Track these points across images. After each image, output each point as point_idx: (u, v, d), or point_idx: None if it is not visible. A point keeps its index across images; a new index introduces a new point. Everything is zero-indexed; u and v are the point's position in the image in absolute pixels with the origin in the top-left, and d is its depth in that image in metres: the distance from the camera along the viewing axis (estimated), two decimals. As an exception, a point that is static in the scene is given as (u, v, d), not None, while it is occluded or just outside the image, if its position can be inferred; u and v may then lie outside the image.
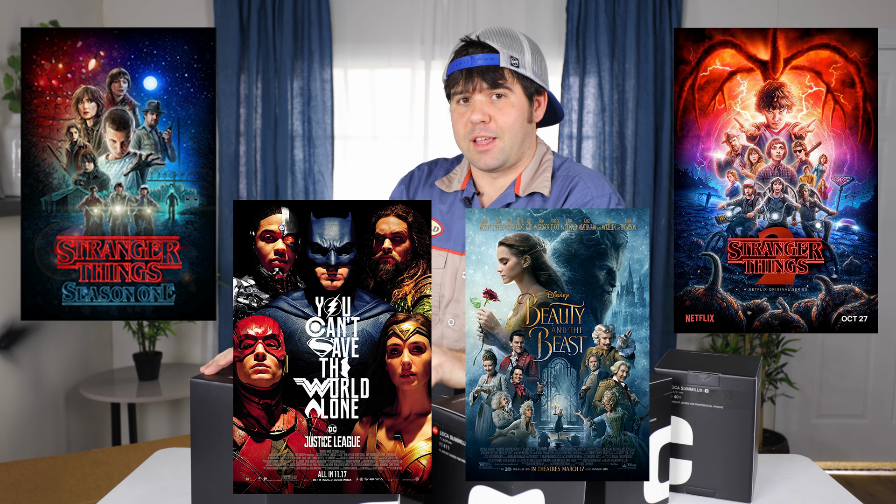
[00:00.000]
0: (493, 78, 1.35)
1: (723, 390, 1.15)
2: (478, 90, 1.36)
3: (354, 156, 3.38)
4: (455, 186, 1.52)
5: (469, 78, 1.36)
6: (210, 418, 1.04)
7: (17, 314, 2.64)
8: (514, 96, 1.38)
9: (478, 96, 1.37)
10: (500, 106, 1.37)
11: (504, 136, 1.39)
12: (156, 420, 3.47)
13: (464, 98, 1.39)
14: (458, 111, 1.40)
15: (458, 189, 1.51)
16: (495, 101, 1.37)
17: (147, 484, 1.21)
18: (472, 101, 1.37)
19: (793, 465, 1.32)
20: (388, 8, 3.32)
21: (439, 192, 1.54)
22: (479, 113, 1.36)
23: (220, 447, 1.04)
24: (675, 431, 1.18)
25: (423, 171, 1.59)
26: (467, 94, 1.37)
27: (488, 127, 1.37)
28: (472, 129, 1.38)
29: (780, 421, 3.57)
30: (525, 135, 1.43)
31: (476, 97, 1.37)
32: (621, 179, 3.32)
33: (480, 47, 1.36)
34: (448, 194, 1.53)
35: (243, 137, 3.26)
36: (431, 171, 1.59)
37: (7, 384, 2.60)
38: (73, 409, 3.03)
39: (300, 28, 3.22)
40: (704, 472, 1.17)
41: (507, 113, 1.38)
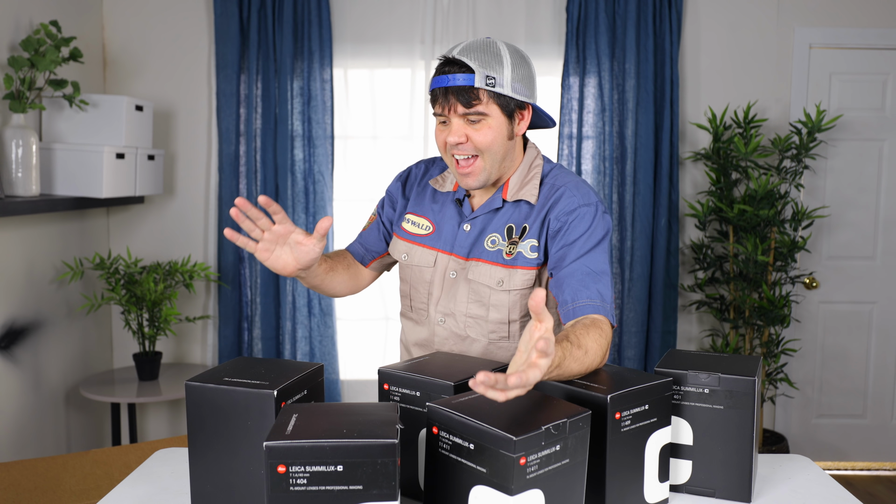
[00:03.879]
0: (468, 99, 1.34)
1: (723, 390, 1.15)
2: (454, 111, 1.35)
3: (354, 156, 3.38)
4: (448, 187, 1.53)
5: (445, 98, 1.35)
6: (206, 420, 1.04)
7: (17, 314, 2.64)
8: (490, 118, 1.36)
9: (454, 117, 1.36)
10: (478, 127, 1.36)
11: (484, 154, 1.38)
12: (156, 420, 3.47)
13: (442, 119, 1.39)
14: (438, 129, 1.40)
15: (450, 190, 1.52)
16: (472, 123, 1.36)
17: (147, 484, 1.21)
18: (450, 122, 1.37)
19: (793, 465, 1.32)
20: (388, 8, 3.32)
21: (432, 190, 1.55)
22: (455, 135, 1.36)
23: (218, 448, 1.04)
24: (675, 431, 1.18)
25: (421, 168, 1.61)
26: (444, 116, 1.37)
27: (466, 147, 1.37)
28: (450, 147, 1.38)
29: (780, 421, 3.57)
30: (507, 151, 1.42)
31: (453, 118, 1.36)
32: (621, 179, 3.32)
33: (457, 66, 1.34)
34: (441, 193, 1.54)
35: (243, 137, 3.26)
36: (428, 169, 1.60)
37: (7, 384, 2.60)
38: (73, 409, 3.03)
39: (300, 28, 3.22)
40: (704, 472, 1.17)
41: (485, 134, 1.36)
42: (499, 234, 1.45)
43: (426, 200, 1.55)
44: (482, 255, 1.45)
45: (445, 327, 1.49)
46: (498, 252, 1.44)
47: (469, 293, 1.46)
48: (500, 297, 1.43)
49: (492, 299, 1.43)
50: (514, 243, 1.43)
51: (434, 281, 1.50)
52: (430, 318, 1.52)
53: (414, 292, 1.54)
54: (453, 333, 1.49)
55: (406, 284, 1.56)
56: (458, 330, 1.48)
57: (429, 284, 1.51)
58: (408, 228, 1.55)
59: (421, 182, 1.58)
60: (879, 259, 3.54)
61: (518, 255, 1.42)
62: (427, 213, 1.53)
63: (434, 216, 1.52)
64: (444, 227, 1.50)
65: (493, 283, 1.43)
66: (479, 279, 1.44)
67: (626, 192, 3.31)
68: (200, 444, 1.05)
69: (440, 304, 1.49)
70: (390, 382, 1.15)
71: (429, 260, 1.50)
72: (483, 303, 1.44)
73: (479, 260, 1.45)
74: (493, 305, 1.44)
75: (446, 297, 1.49)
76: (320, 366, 1.15)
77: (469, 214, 1.48)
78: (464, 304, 1.46)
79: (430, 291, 1.51)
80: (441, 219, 1.51)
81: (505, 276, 1.42)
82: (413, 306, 1.55)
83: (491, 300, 1.43)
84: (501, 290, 1.42)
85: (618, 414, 1.05)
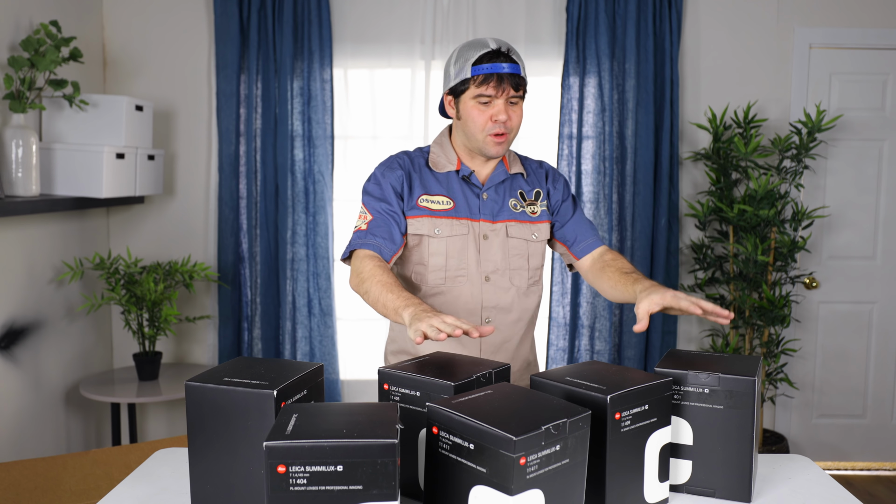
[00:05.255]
0: (517, 84, 1.61)
1: (723, 390, 1.14)
2: (504, 94, 1.60)
3: (354, 156, 3.37)
4: (448, 167, 1.72)
5: (500, 82, 1.59)
6: (206, 420, 1.04)
7: (17, 314, 2.64)
8: (522, 102, 1.66)
9: (501, 99, 1.61)
10: (515, 109, 1.64)
11: (512, 133, 1.66)
12: (156, 420, 3.47)
13: (487, 99, 1.61)
14: (478, 108, 1.63)
15: (452, 169, 1.72)
16: (511, 106, 1.63)
17: (147, 484, 1.21)
18: (494, 103, 1.61)
19: (793, 465, 1.32)
20: (388, 8, 3.32)
21: (431, 171, 1.73)
22: (503, 113, 1.61)
23: (218, 448, 1.04)
24: (675, 431, 1.18)
25: (404, 159, 1.75)
26: (495, 97, 1.60)
27: (507, 125, 1.63)
28: (492, 126, 1.62)
29: (780, 421, 3.57)
30: (519, 131, 1.70)
31: (498, 100, 1.61)
32: (621, 179, 3.32)
33: (505, 57, 1.60)
34: (442, 174, 1.72)
35: (243, 137, 3.26)
36: (412, 159, 1.75)
37: (7, 384, 2.60)
38: (73, 409, 3.03)
39: (300, 28, 3.22)
40: (704, 472, 1.17)
41: (519, 115, 1.66)
42: (516, 199, 1.73)
43: (432, 182, 1.71)
44: (512, 217, 1.71)
45: (493, 283, 1.69)
46: (522, 213, 1.73)
47: (510, 248, 1.70)
48: (536, 247, 1.74)
49: (530, 250, 1.73)
50: (533, 204, 1.75)
51: (469, 246, 1.68)
52: (472, 281, 1.68)
53: (451, 262, 1.68)
54: (499, 288, 1.69)
55: (439, 257, 1.68)
56: (503, 283, 1.69)
57: (465, 250, 1.68)
58: (429, 206, 1.68)
59: (416, 168, 1.73)
60: (879, 259, 3.54)
61: (542, 212, 1.75)
62: (441, 192, 1.70)
63: (448, 193, 1.70)
64: (461, 200, 1.70)
65: (530, 237, 1.72)
66: (520, 235, 1.71)
67: (626, 192, 3.31)
68: (200, 445, 1.05)
69: (483, 264, 1.68)
70: (390, 382, 1.15)
71: (462, 229, 1.68)
72: (523, 255, 1.72)
73: (512, 220, 1.71)
74: (531, 255, 1.73)
75: (487, 256, 1.68)
76: (320, 366, 1.15)
77: (483, 186, 1.71)
78: (506, 258, 1.70)
79: (467, 255, 1.68)
80: (454, 194, 1.70)
81: (536, 230, 1.73)
82: (449, 276, 1.68)
83: (529, 251, 1.72)
84: (537, 241, 1.73)
85: (618, 414, 1.05)
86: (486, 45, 1.61)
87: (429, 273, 1.68)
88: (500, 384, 1.07)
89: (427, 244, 1.67)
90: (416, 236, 1.68)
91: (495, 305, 1.70)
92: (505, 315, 1.71)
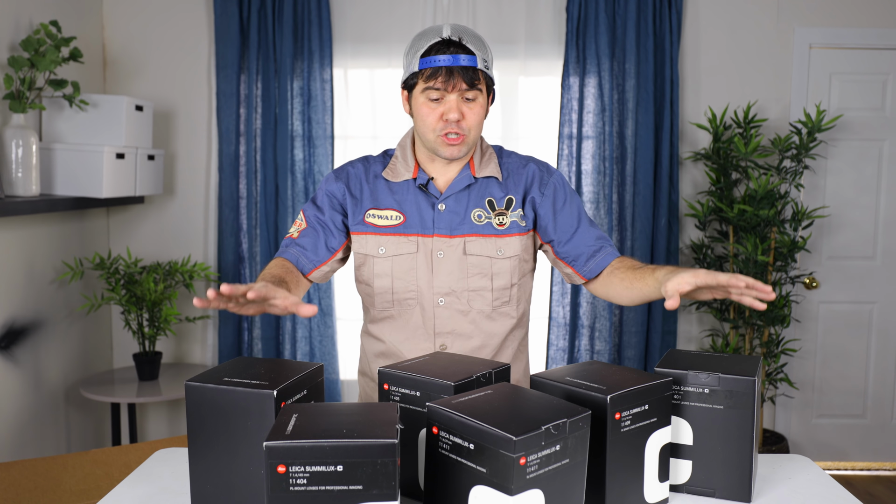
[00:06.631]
0: (471, 78, 1.42)
1: (723, 390, 1.14)
2: (455, 89, 1.42)
3: (354, 156, 3.35)
4: (405, 175, 1.54)
5: (449, 76, 1.41)
6: (206, 420, 1.04)
7: (17, 314, 2.64)
8: (481, 97, 1.46)
9: (452, 95, 1.43)
10: (472, 105, 1.45)
11: (470, 133, 1.47)
12: (156, 420, 3.47)
13: (437, 94, 1.43)
14: (428, 105, 1.45)
15: (408, 178, 1.54)
16: (466, 102, 1.44)
17: (147, 484, 1.21)
18: (445, 99, 1.44)
19: (793, 465, 1.32)
20: (388, 8, 3.32)
21: (386, 182, 1.56)
22: (455, 112, 1.43)
23: (218, 449, 1.04)
24: (675, 431, 1.18)
25: (358, 167, 1.59)
26: (444, 92, 1.43)
27: (460, 125, 1.45)
28: (444, 126, 1.45)
29: (780, 421, 3.57)
30: (482, 128, 1.51)
31: (450, 96, 1.43)
32: (621, 179, 3.31)
33: (458, 48, 1.42)
34: (397, 184, 1.55)
35: (243, 137, 3.26)
36: (368, 166, 1.59)
37: (7, 384, 2.60)
38: (73, 409, 3.03)
39: (300, 28, 3.22)
40: (704, 472, 1.17)
41: (477, 113, 1.46)
42: (482, 209, 1.52)
43: (383, 194, 1.54)
44: (473, 230, 1.51)
45: (447, 306, 1.51)
46: (487, 225, 1.51)
47: (469, 267, 1.51)
48: (501, 265, 1.51)
49: (494, 268, 1.51)
50: (502, 214, 1.52)
51: (419, 265, 1.51)
52: (422, 305, 1.51)
53: (398, 283, 1.52)
54: (456, 311, 1.51)
55: (384, 279, 1.52)
56: (460, 306, 1.51)
57: (415, 270, 1.51)
58: (375, 222, 1.53)
59: (368, 179, 1.56)
60: (879, 259, 3.54)
61: (512, 223, 1.52)
62: (391, 205, 1.53)
63: (399, 206, 1.53)
64: (414, 213, 1.52)
65: (494, 253, 1.51)
66: (480, 252, 1.50)
67: (626, 192, 3.31)
68: (200, 444, 1.05)
69: (436, 286, 1.51)
70: (390, 382, 1.15)
71: (410, 247, 1.51)
72: (486, 273, 1.51)
73: (472, 235, 1.51)
74: (496, 274, 1.51)
75: (441, 277, 1.51)
76: (320, 366, 1.15)
77: (440, 195, 1.52)
78: (464, 279, 1.51)
79: (416, 276, 1.51)
80: (407, 206, 1.53)
81: (503, 244, 1.51)
82: (396, 300, 1.53)
83: (493, 269, 1.51)
84: (502, 258, 1.51)
85: (618, 414, 1.05)
86: (439, 34, 1.43)
87: (375, 295, 1.54)
88: (500, 384, 1.07)
89: (371, 264, 1.52)
90: (361, 255, 1.53)
91: (451, 331, 1.52)
92: (465, 342, 1.52)
